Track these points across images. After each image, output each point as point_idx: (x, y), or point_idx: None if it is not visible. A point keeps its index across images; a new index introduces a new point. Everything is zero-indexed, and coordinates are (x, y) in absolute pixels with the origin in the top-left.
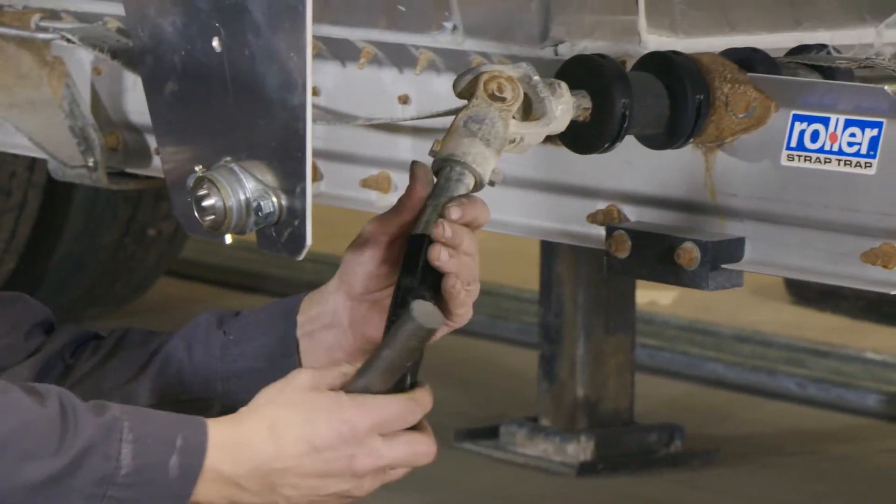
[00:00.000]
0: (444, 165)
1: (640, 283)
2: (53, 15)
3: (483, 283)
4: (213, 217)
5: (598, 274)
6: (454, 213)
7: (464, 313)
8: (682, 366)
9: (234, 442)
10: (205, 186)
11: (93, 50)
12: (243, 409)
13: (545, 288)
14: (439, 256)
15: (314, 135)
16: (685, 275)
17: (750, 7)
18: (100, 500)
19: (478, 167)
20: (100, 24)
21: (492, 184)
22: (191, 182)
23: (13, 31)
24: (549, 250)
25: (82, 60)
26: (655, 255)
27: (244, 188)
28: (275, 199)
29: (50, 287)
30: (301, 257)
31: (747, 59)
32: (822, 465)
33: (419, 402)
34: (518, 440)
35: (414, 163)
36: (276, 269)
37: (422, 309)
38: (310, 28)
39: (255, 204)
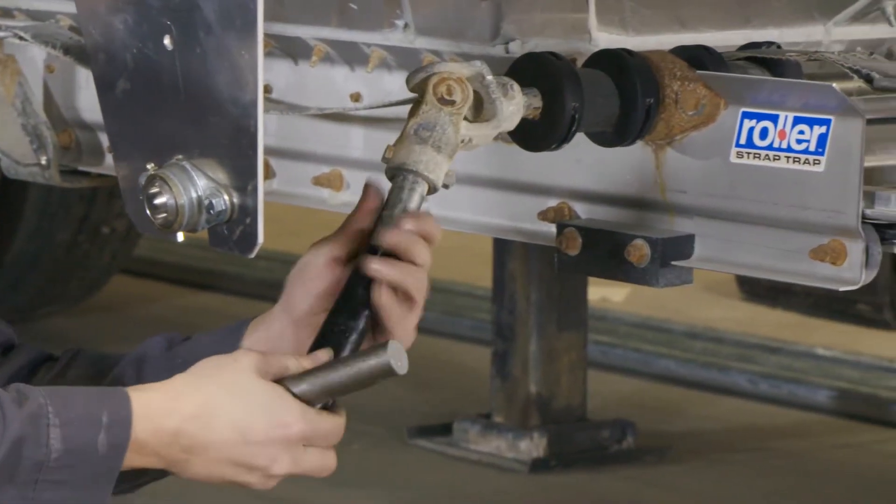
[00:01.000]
0: (396, 174)
1: (592, 280)
2: (6, 13)
3: (436, 280)
4: (164, 215)
5: (551, 271)
6: (407, 223)
7: (401, 333)
8: (635, 362)
9: (161, 412)
10: (156, 184)
11: (45, 47)
12: (180, 377)
13: (498, 285)
14: (374, 267)
15: (266, 130)
16: (635, 272)
17: (700, 5)
18: (32, 486)
19: (430, 174)
20: (52, 22)
21: (445, 187)
22: (143, 180)
23: None
24: (502, 247)
25: (35, 58)
26: (606, 252)
27: (196, 186)
28: (227, 197)
29: (4, 286)
30: (253, 255)
31: (697, 57)
32: (774, 461)
33: (343, 425)
34: (471, 437)
35: (367, 185)
36: (231, 266)
37: (396, 350)
38: (261, 25)
39: (206, 202)
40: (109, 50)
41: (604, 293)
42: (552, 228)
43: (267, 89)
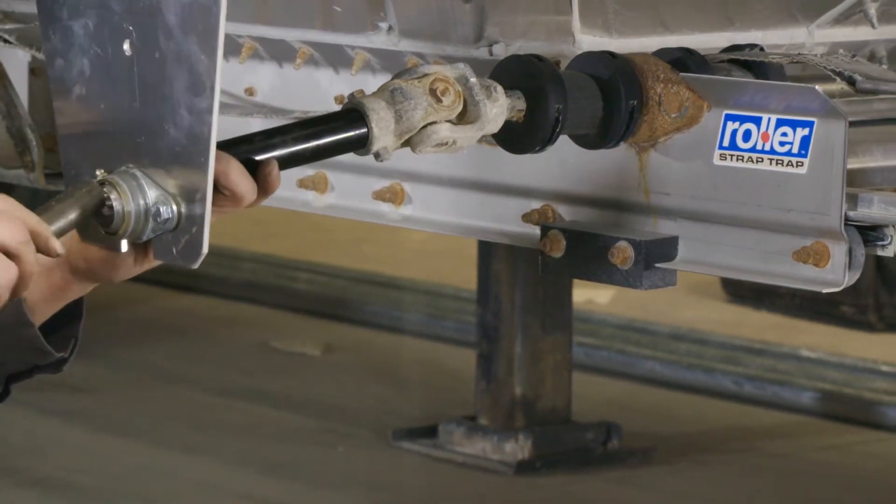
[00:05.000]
0: (349, 108)
1: (577, 282)
2: None
3: (421, 282)
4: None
5: (536, 273)
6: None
7: None
8: (620, 364)
9: None
10: (105, 190)
11: (30, 50)
12: None
13: (483, 287)
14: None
15: (250, 131)
16: (619, 274)
17: (683, 7)
18: None
19: (375, 127)
20: (37, 25)
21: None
22: (90, 186)
23: None
24: (487, 250)
25: (20, 61)
26: (590, 254)
27: (145, 194)
28: (174, 206)
29: None
30: (196, 266)
31: (680, 59)
32: (759, 461)
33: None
34: (456, 439)
35: None
36: (216, 268)
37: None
38: (222, 29)
39: (153, 209)
40: (67, 55)
41: (589, 295)
42: (536, 231)
43: (251, 92)
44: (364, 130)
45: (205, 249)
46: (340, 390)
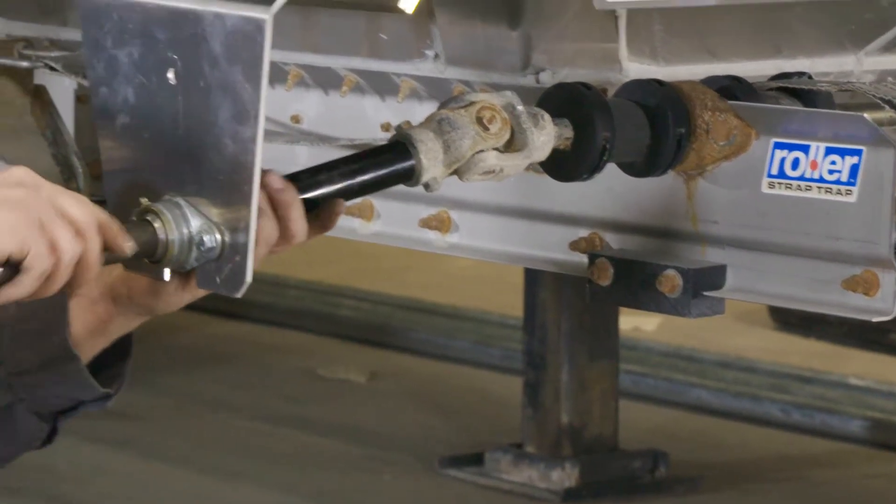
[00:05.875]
0: (397, 141)
1: (623, 309)
2: (37, 43)
3: (467, 309)
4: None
5: (582, 301)
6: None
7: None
8: (667, 392)
9: None
10: (148, 218)
11: (76, 78)
12: None
13: (529, 314)
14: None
15: (297, 159)
16: (667, 302)
17: (730, 34)
18: None
19: (424, 158)
20: (82, 53)
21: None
22: (134, 215)
23: None
24: (533, 277)
25: (66, 88)
26: (637, 282)
27: (188, 223)
28: (218, 235)
29: None
30: (239, 295)
31: (728, 87)
32: (807, 490)
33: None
34: (503, 467)
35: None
36: (261, 295)
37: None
38: (267, 58)
39: (197, 238)
40: (112, 84)
41: (635, 322)
42: (583, 259)
43: (297, 119)
44: (412, 162)
45: (248, 278)
46: (386, 417)
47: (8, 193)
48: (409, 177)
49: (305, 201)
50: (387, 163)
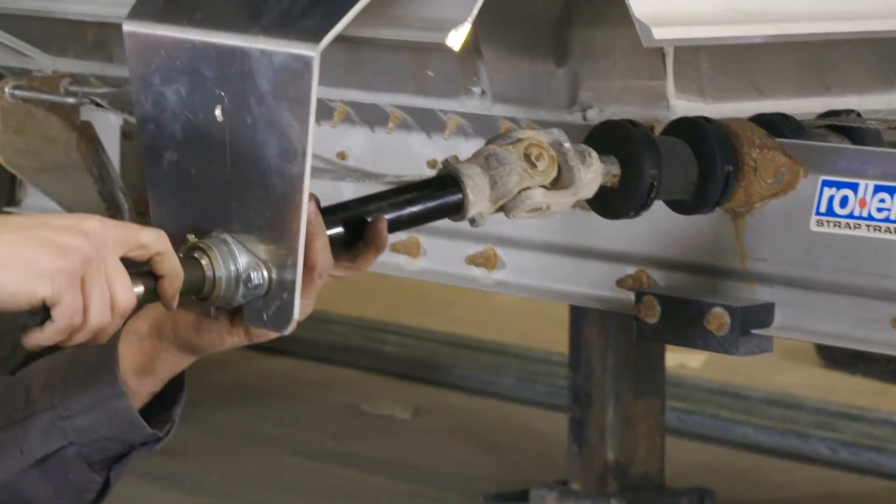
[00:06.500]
0: (444, 175)
1: (669, 345)
2: (82, 79)
3: (511, 345)
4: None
5: (628, 337)
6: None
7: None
8: (713, 429)
9: None
10: (195, 256)
11: (121, 114)
12: None
13: (574, 351)
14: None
15: (343, 195)
16: (715, 340)
17: (778, 72)
18: None
19: (471, 193)
20: (128, 89)
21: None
22: (181, 252)
23: (42, 96)
24: (578, 313)
25: (111, 124)
26: (685, 320)
27: (236, 260)
28: (265, 272)
29: None
30: (287, 332)
31: (776, 125)
32: None
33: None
34: None
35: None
36: (305, 331)
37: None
38: (314, 95)
39: (244, 275)
40: (160, 120)
41: (681, 359)
42: (630, 296)
43: (343, 156)
44: (459, 196)
45: (296, 316)
46: (430, 453)
47: (69, 240)
48: (456, 211)
49: (354, 229)
50: (434, 196)
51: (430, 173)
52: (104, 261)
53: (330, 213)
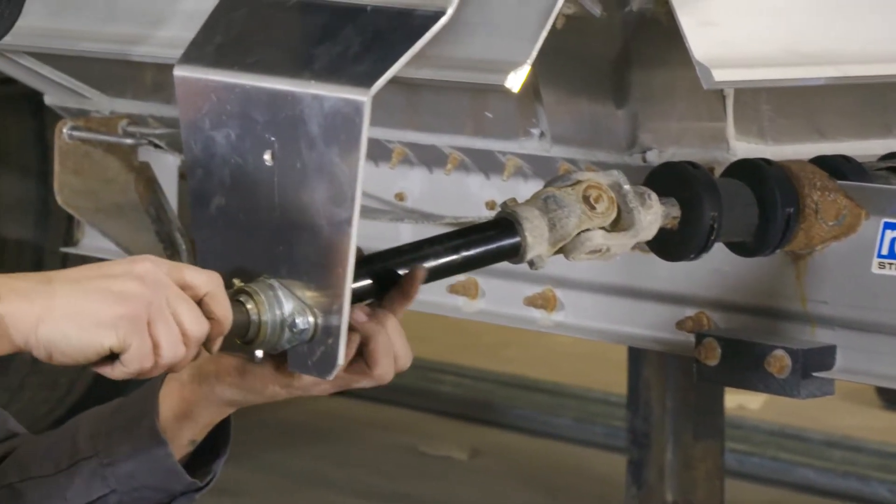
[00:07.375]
0: (502, 217)
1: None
2: (140, 120)
3: (568, 385)
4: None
5: (687, 378)
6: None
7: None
8: (772, 471)
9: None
10: (241, 300)
11: (179, 155)
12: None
13: (633, 392)
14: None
15: (401, 237)
16: (776, 383)
17: (838, 114)
18: None
19: (530, 236)
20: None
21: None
22: (228, 296)
23: (100, 137)
24: (637, 354)
25: (169, 165)
26: (746, 362)
27: (281, 305)
28: (311, 318)
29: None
30: (332, 377)
31: (837, 167)
32: None
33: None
34: None
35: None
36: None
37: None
38: (365, 139)
39: (290, 320)
40: (209, 165)
41: (740, 401)
42: (690, 338)
43: (401, 197)
44: (518, 239)
45: (340, 361)
46: (488, 495)
47: (125, 286)
48: (514, 254)
49: (386, 274)
50: (491, 239)
51: (488, 215)
52: (165, 298)
53: (385, 258)
